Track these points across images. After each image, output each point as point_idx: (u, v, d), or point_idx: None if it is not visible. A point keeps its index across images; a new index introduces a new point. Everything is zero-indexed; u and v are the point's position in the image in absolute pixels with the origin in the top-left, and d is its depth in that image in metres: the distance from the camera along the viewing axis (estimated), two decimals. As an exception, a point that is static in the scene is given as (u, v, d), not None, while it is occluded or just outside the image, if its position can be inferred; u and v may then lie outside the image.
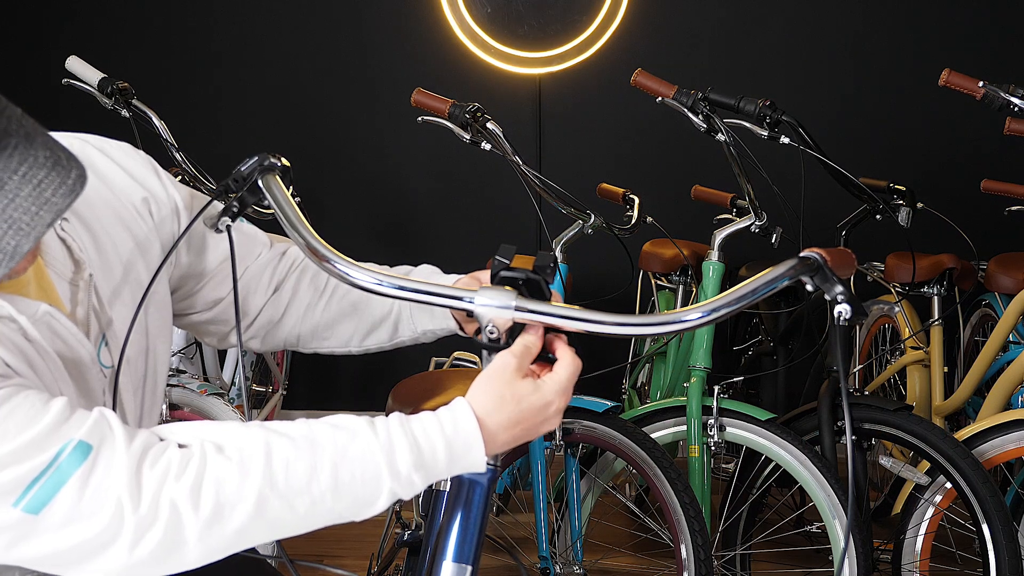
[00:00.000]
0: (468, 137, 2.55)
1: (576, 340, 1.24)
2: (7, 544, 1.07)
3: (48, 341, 1.21)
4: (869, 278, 3.60)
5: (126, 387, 1.33)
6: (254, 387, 3.64)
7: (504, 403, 1.16)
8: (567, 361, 1.22)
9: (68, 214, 1.29)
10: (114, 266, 1.33)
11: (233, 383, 3.31)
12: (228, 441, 1.11)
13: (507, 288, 1.20)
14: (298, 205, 1.29)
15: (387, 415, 1.18)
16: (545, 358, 1.24)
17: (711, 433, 2.55)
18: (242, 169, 1.28)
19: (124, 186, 1.37)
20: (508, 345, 1.21)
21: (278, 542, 1.19)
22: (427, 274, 1.49)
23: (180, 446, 1.11)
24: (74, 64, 2.86)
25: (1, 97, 1.06)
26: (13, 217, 1.02)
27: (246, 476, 1.08)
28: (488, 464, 1.23)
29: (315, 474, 1.10)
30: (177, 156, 2.83)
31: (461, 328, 1.44)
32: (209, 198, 1.36)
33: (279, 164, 1.30)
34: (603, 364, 2.69)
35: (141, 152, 1.43)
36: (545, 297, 1.21)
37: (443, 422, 1.15)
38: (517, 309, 1.19)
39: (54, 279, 1.25)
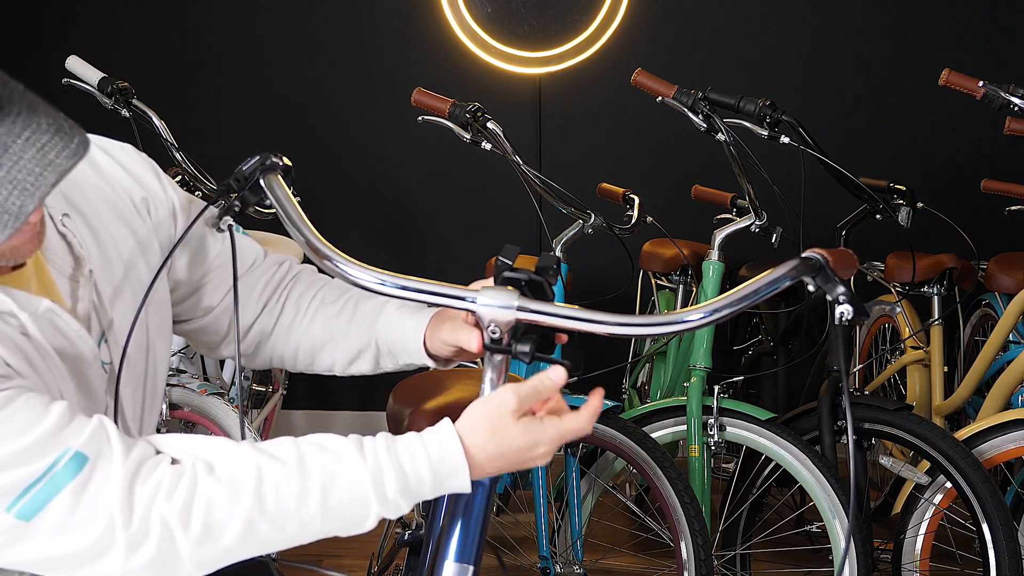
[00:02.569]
0: (468, 137, 2.55)
1: (576, 340, 1.24)
2: None
3: (49, 338, 1.21)
4: (869, 278, 3.60)
5: (125, 385, 1.33)
6: (254, 387, 3.64)
7: (493, 439, 1.17)
8: (581, 419, 1.21)
9: (69, 209, 1.30)
10: (115, 263, 1.34)
11: (233, 383, 3.31)
12: (220, 461, 1.12)
13: (509, 288, 1.20)
14: (300, 205, 1.30)
15: (388, 415, 1.19)
16: (551, 361, 1.22)
17: (711, 433, 2.55)
18: (244, 168, 1.28)
19: (125, 184, 1.38)
20: (510, 346, 1.21)
21: None
22: (406, 302, 1.45)
23: (173, 461, 1.12)
24: (74, 64, 2.86)
25: (2, 73, 1.09)
26: (18, 178, 1.04)
27: (236, 499, 1.10)
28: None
29: (304, 498, 1.12)
30: (177, 156, 2.83)
31: (436, 361, 1.42)
32: (207, 203, 1.37)
33: (281, 163, 1.30)
34: (603, 364, 2.69)
35: (143, 154, 1.44)
36: (548, 298, 1.21)
37: (429, 449, 1.15)
38: (519, 309, 1.19)
39: (54, 275, 1.26)
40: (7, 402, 1.08)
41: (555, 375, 1.19)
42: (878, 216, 2.69)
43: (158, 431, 1.41)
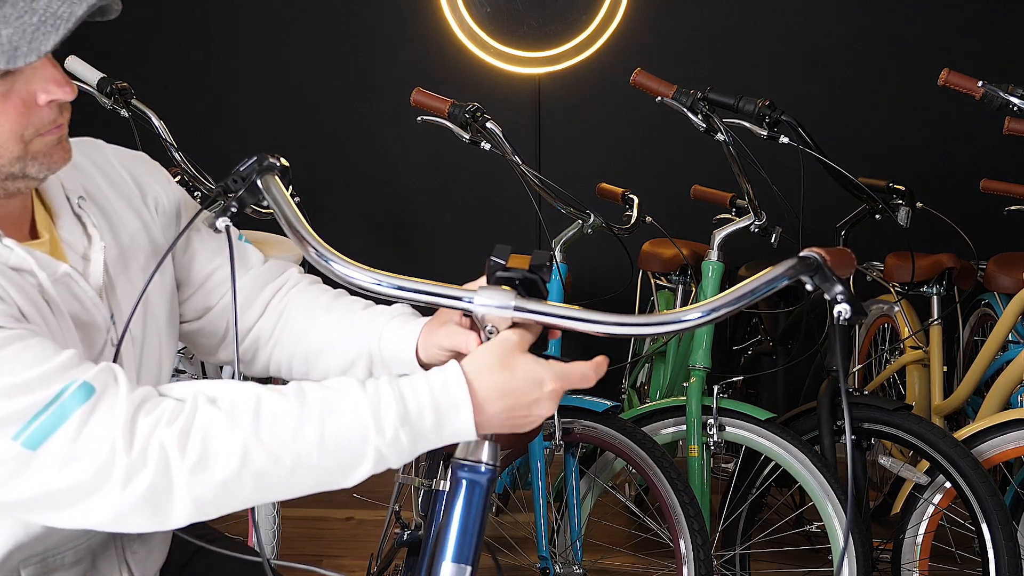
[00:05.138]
0: (468, 137, 2.55)
1: (576, 340, 1.24)
2: (1, 479, 1.08)
3: (65, 302, 1.25)
4: (868, 278, 3.60)
5: (128, 368, 1.35)
6: (254, 387, 3.64)
7: (499, 369, 1.17)
8: (585, 366, 1.21)
9: (85, 194, 1.36)
10: (125, 247, 1.38)
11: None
12: (222, 394, 1.13)
13: (505, 288, 1.20)
14: (297, 205, 1.30)
15: None
16: (545, 356, 1.24)
17: (711, 433, 2.55)
18: (241, 169, 1.29)
19: (138, 180, 1.45)
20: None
21: (277, 543, 1.19)
22: (400, 312, 1.46)
23: (178, 400, 1.13)
24: (73, 64, 2.86)
25: None
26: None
27: (233, 426, 1.10)
28: (487, 465, 1.24)
29: (301, 427, 1.11)
30: (176, 156, 2.83)
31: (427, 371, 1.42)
32: (202, 205, 1.41)
33: (278, 164, 1.30)
34: (603, 364, 2.69)
35: (156, 162, 1.52)
36: (542, 296, 1.21)
37: (432, 380, 1.16)
38: (516, 309, 1.19)
39: (67, 252, 1.30)
40: (19, 338, 1.11)
41: (532, 329, 1.22)
42: (877, 216, 2.70)
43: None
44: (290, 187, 1.32)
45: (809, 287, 1.16)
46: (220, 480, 1.09)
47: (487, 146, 2.52)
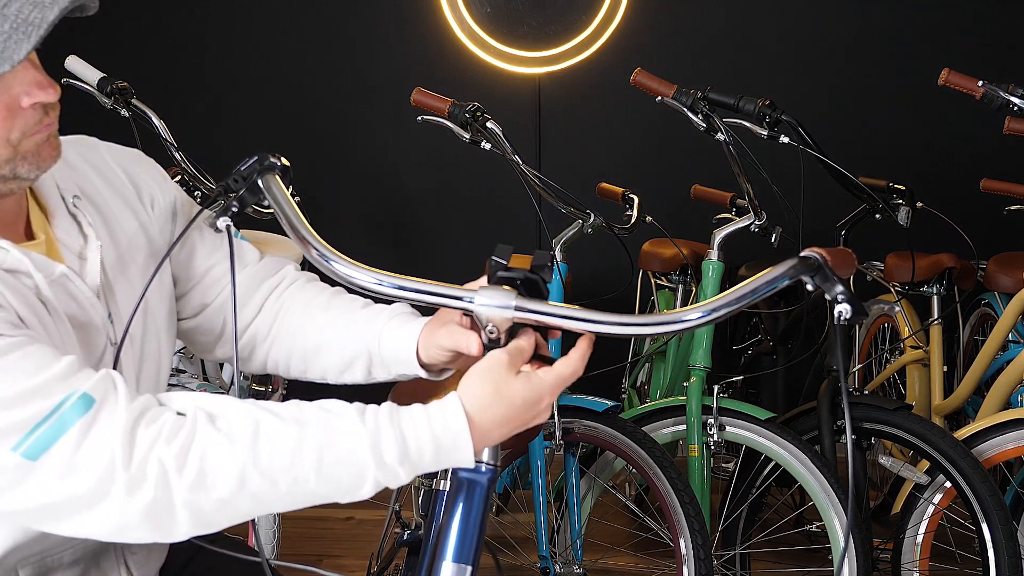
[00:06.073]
0: (468, 137, 2.55)
1: (576, 339, 1.24)
2: (2, 489, 1.09)
3: (62, 303, 1.25)
4: (869, 277, 3.60)
5: (128, 370, 1.35)
6: (253, 387, 3.63)
7: (497, 400, 1.17)
8: (573, 362, 1.22)
9: (80, 193, 1.34)
10: (121, 244, 1.38)
11: (233, 383, 3.31)
12: (221, 413, 1.13)
13: (506, 288, 1.20)
14: (298, 205, 1.30)
15: None
16: (540, 357, 1.24)
17: (711, 432, 2.55)
18: (242, 168, 1.29)
19: (133, 178, 1.44)
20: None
21: (277, 543, 1.19)
22: (400, 311, 1.45)
23: (178, 414, 1.13)
24: (74, 64, 2.86)
25: None
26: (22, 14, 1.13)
27: (231, 450, 1.10)
28: (488, 465, 1.24)
29: (299, 456, 1.12)
30: (177, 156, 2.83)
31: (427, 371, 1.41)
32: (203, 205, 1.40)
33: (279, 164, 1.30)
34: (603, 364, 2.68)
35: (150, 159, 1.50)
36: (543, 296, 1.21)
37: (432, 419, 1.15)
38: (517, 309, 1.19)
39: (64, 252, 1.30)
40: (19, 346, 1.11)
41: (526, 338, 1.21)
42: (877, 216, 2.70)
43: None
44: (291, 187, 1.32)
45: (809, 287, 1.16)
46: (218, 499, 1.10)
47: (487, 146, 2.52)
